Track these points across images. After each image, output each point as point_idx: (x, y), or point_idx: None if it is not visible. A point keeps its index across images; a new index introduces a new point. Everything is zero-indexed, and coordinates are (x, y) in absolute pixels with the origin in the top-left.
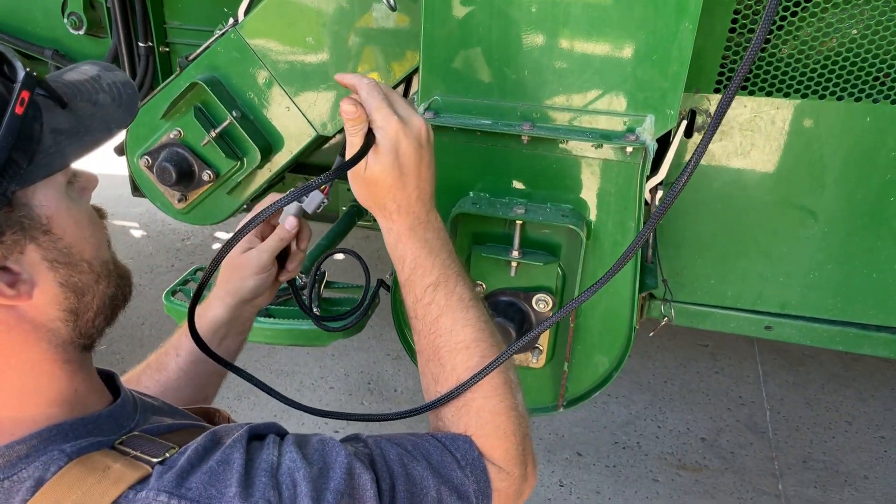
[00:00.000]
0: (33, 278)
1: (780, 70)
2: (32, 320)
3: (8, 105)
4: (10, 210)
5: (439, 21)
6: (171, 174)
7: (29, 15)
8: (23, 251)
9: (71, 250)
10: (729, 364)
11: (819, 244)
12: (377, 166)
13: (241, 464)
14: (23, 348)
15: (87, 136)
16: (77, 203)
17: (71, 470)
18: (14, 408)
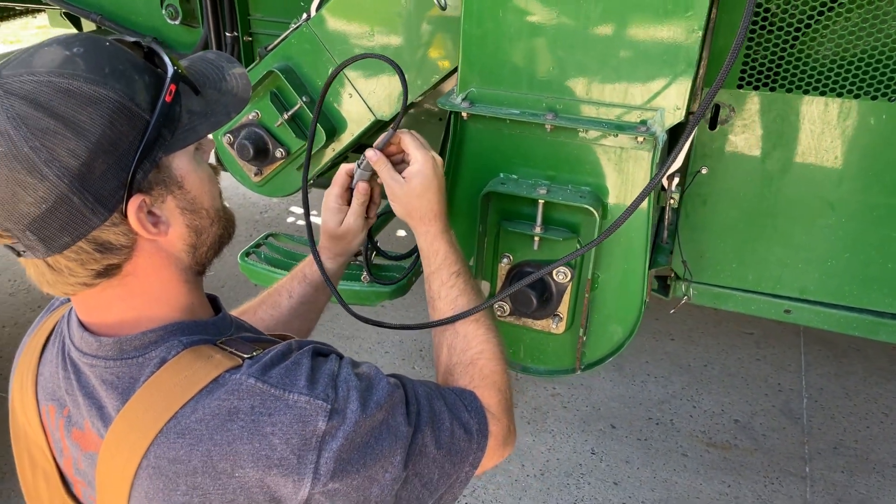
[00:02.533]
0: (169, 221)
1: (798, 68)
2: (167, 250)
3: (161, 95)
4: (158, 171)
5: (476, 22)
6: (249, 150)
7: (133, 6)
8: (164, 201)
9: (195, 201)
10: (772, 353)
11: (836, 234)
12: (418, 186)
13: (308, 367)
14: (160, 269)
15: (213, 118)
16: (201, 165)
17: (186, 354)
18: (152, 309)
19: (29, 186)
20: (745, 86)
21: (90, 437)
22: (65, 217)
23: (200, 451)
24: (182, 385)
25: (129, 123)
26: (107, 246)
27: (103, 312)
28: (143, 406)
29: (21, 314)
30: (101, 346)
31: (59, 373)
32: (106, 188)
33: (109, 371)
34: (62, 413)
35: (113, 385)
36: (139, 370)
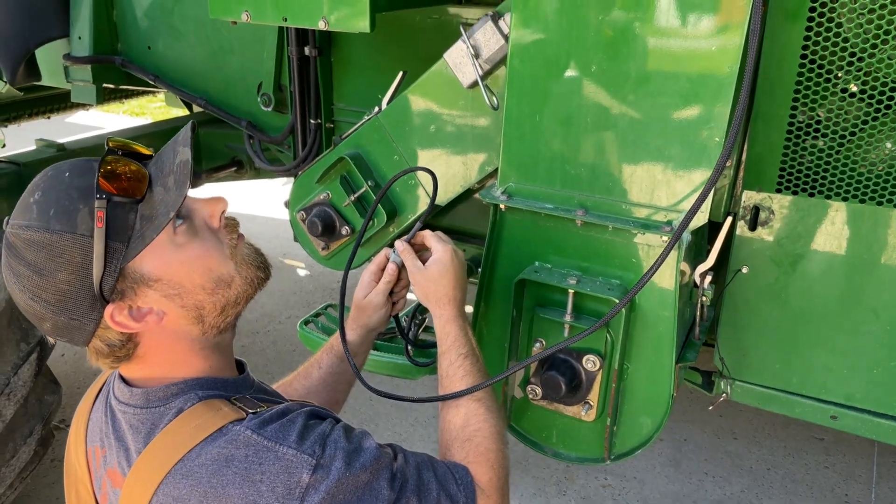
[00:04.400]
0: (160, 309)
1: (836, 176)
2: (172, 329)
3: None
4: (123, 279)
5: (515, 124)
6: (318, 227)
7: (233, 92)
8: (145, 296)
9: (181, 285)
10: (842, 461)
11: (881, 341)
12: (435, 272)
13: (301, 424)
14: (171, 345)
15: (157, 220)
16: (182, 247)
17: (199, 406)
18: (174, 371)
19: (35, 311)
20: (784, 190)
21: (117, 476)
22: (69, 330)
23: (199, 491)
24: (192, 433)
25: (79, 251)
26: (110, 344)
27: (136, 373)
28: (159, 449)
29: None
30: (132, 396)
31: (102, 418)
32: (83, 306)
33: (136, 417)
34: (102, 454)
35: (137, 430)
36: (160, 418)
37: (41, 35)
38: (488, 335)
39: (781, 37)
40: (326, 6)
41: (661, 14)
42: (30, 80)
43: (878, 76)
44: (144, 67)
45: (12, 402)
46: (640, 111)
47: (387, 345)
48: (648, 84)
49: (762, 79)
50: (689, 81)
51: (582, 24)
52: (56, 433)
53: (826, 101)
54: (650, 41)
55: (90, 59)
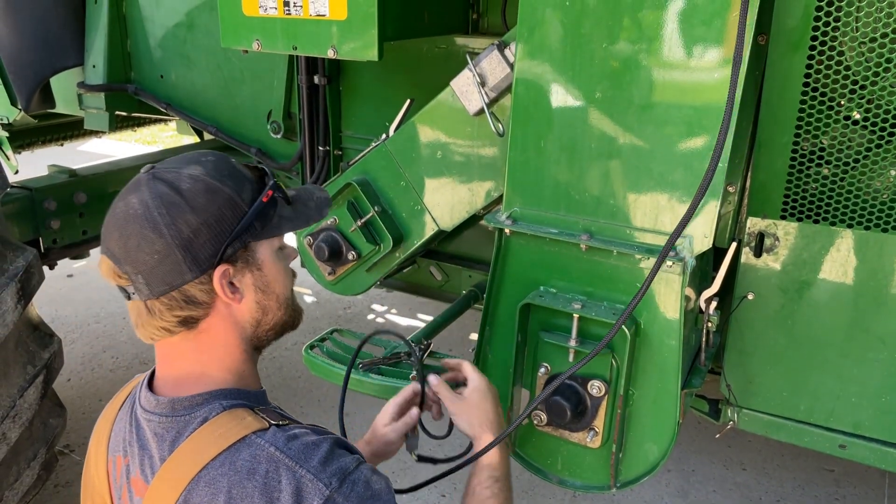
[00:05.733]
0: (244, 292)
1: (840, 203)
2: (236, 318)
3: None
4: (245, 251)
5: (520, 150)
6: (325, 252)
7: (244, 120)
8: (244, 276)
9: (269, 285)
10: (853, 493)
11: (889, 369)
12: (476, 399)
13: (326, 451)
14: (227, 333)
15: (295, 222)
16: (281, 261)
17: (223, 416)
18: (212, 367)
19: (150, 241)
20: (789, 217)
21: (140, 484)
22: (168, 269)
23: (220, 500)
24: (216, 441)
25: (232, 211)
26: (192, 299)
27: (175, 362)
28: (184, 456)
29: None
30: (157, 404)
31: (126, 427)
32: (203, 254)
33: (161, 425)
34: (125, 462)
35: (162, 438)
36: (185, 426)
37: (56, 63)
38: (493, 359)
39: (784, 65)
40: (335, 35)
41: (664, 44)
42: (44, 107)
43: (880, 104)
44: (157, 95)
45: (17, 424)
46: (643, 138)
47: (391, 369)
48: (651, 111)
49: (765, 106)
50: (692, 109)
51: (586, 54)
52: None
53: (829, 128)
54: (653, 70)
55: (104, 87)
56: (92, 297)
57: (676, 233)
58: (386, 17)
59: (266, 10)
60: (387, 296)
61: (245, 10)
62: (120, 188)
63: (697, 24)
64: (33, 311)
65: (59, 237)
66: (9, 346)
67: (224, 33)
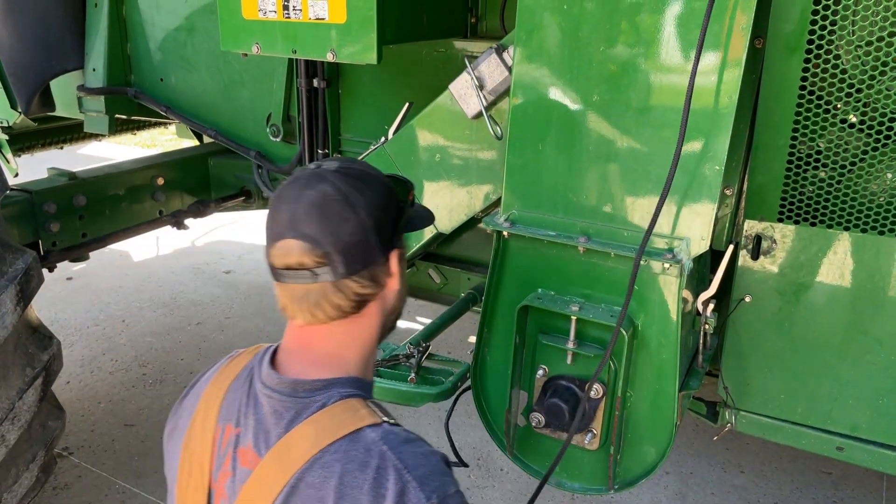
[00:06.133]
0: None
1: (837, 206)
2: (383, 305)
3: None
4: (399, 241)
5: (518, 153)
6: None
7: (244, 124)
8: (397, 263)
9: (403, 277)
10: (850, 495)
11: (886, 371)
12: None
13: (434, 464)
14: (375, 320)
15: (423, 220)
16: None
17: (340, 404)
18: (348, 352)
19: (350, 222)
20: (786, 220)
21: (249, 455)
22: (364, 248)
23: (331, 485)
24: (332, 428)
25: (394, 202)
26: (375, 279)
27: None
28: (300, 437)
29: (116, 392)
30: (280, 383)
31: (243, 399)
32: (386, 236)
33: (281, 404)
34: (236, 432)
35: (281, 415)
36: (304, 408)
37: (56, 67)
38: (491, 361)
39: (780, 69)
40: (334, 39)
41: (661, 48)
42: (44, 110)
43: (877, 107)
44: (156, 99)
45: (16, 426)
46: (640, 141)
47: (390, 371)
48: (648, 114)
49: (762, 110)
50: (690, 113)
51: (583, 57)
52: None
53: (826, 131)
54: (650, 74)
55: (104, 91)
56: (91, 300)
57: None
58: (385, 21)
59: (265, 13)
60: None
61: (245, 13)
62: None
63: (694, 28)
64: (32, 313)
65: (59, 240)
66: (8, 348)
67: (224, 37)
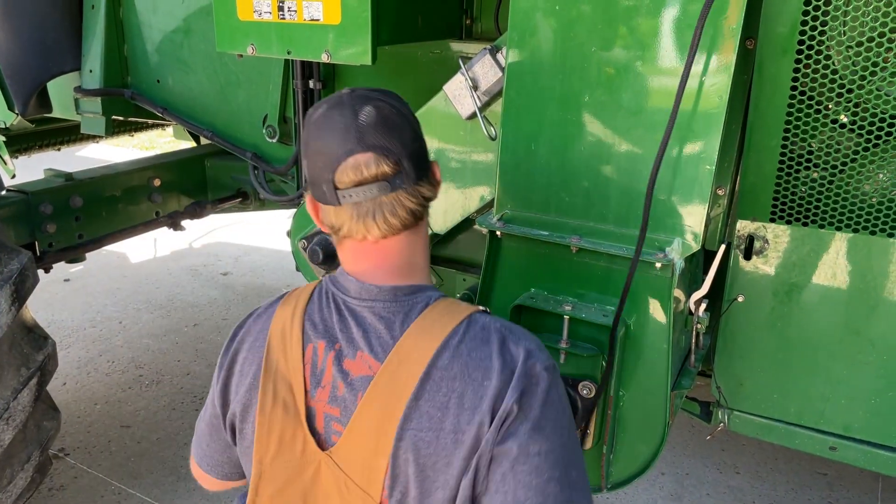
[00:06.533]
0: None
1: (829, 206)
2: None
3: None
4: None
5: (511, 153)
6: (319, 255)
7: (240, 125)
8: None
9: None
10: (846, 496)
11: (878, 371)
12: None
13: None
14: (426, 228)
15: None
16: None
17: (442, 301)
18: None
19: (409, 131)
20: (778, 220)
21: (362, 364)
22: (423, 154)
23: (461, 362)
24: (447, 319)
25: None
26: (433, 183)
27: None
28: (420, 333)
29: (113, 393)
30: (380, 292)
31: (334, 317)
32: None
33: (386, 309)
34: (333, 347)
35: (390, 320)
36: (410, 309)
37: (53, 68)
38: None
39: (771, 69)
40: (329, 40)
41: (653, 49)
42: (41, 111)
43: (868, 108)
44: (153, 100)
45: (11, 427)
46: (632, 141)
47: None
48: (641, 115)
49: (754, 110)
50: (681, 113)
51: (576, 58)
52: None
53: (817, 132)
54: (642, 75)
55: (100, 92)
56: (88, 302)
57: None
58: (380, 22)
59: (261, 14)
60: None
61: (240, 14)
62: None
63: (686, 29)
64: (27, 313)
65: (55, 241)
66: (3, 348)
67: (219, 38)
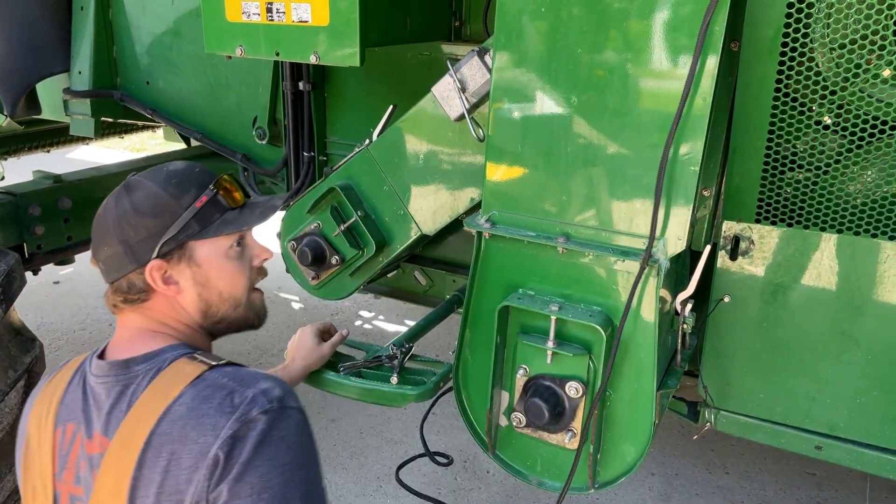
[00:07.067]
0: (182, 286)
1: (814, 207)
2: (181, 305)
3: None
4: (181, 249)
5: (498, 155)
6: (308, 256)
7: (230, 126)
8: (182, 271)
9: (209, 281)
10: (834, 496)
11: (863, 370)
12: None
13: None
14: (173, 313)
15: (232, 228)
16: (233, 261)
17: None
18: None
19: (105, 240)
20: (763, 221)
21: (96, 443)
22: (116, 262)
23: (179, 425)
24: (174, 383)
25: (171, 215)
26: (132, 285)
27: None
28: (147, 401)
29: None
30: (112, 366)
31: (80, 397)
32: (142, 249)
33: (119, 382)
34: (78, 429)
35: (121, 393)
36: (142, 378)
37: (42, 69)
38: (473, 361)
39: (756, 71)
40: (318, 41)
41: (639, 52)
42: (30, 113)
43: (851, 109)
44: (143, 102)
45: None
46: (618, 143)
47: (373, 373)
48: (626, 117)
49: (738, 112)
50: (665, 115)
51: (561, 60)
52: None
53: (802, 133)
54: (628, 77)
55: (89, 94)
56: (78, 304)
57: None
58: (368, 24)
59: (249, 16)
60: (374, 302)
61: (228, 15)
62: (105, 194)
63: (671, 31)
64: (15, 315)
65: (44, 242)
66: None
67: (208, 39)
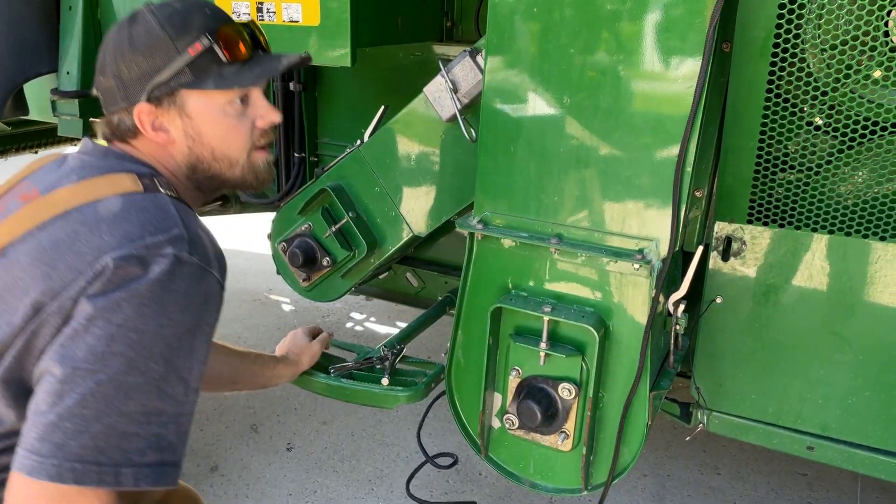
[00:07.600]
0: (172, 135)
1: (805, 208)
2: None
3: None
4: (171, 96)
5: (490, 155)
6: (299, 258)
7: None
8: (172, 120)
9: (201, 135)
10: (825, 496)
11: (855, 371)
12: None
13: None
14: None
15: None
16: (227, 117)
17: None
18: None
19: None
20: (755, 221)
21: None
22: (110, 93)
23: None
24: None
25: (164, 55)
26: (122, 122)
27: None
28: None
29: None
30: (95, 149)
31: (52, 165)
32: (132, 89)
33: (81, 162)
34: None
35: (74, 171)
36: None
37: (30, 70)
38: (465, 363)
39: (748, 72)
40: (309, 41)
41: (631, 53)
42: (17, 114)
43: (842, 110)
44: None
45: None
46: (610, 143)
47: (364, 374)
48: (618, 117)
49: (730, 113)
50: (658, 116)
51: (553, 60)
52: None
53: (794, 134)
54: (620, 77)
55: (78, 94)
56: None
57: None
58: (359, 24)
59: (239, 15)
60: (365, 304)
61: None
62: None
63: (663, 32)
64: None
65: None
66: None
67: None
